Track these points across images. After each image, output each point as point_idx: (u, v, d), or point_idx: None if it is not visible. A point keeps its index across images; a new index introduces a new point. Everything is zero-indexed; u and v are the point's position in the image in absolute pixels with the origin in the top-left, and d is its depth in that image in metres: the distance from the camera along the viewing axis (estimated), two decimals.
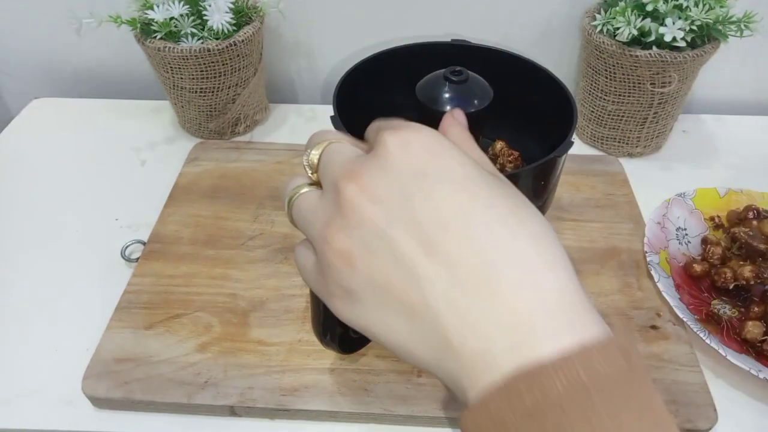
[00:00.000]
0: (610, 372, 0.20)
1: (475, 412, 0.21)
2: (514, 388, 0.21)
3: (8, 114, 0.81)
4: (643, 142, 0.66)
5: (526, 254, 0.22)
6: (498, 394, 0.21)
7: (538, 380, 0.20)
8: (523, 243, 0.22)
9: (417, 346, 0.24)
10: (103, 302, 0.50)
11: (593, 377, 0.20)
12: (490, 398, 0.21)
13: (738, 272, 0.50)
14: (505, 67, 0.42)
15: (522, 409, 0.20)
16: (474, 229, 0.22)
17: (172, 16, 0.59)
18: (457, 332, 0.22)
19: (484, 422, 0.21)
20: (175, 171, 0.63)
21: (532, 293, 0.22)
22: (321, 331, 0.39)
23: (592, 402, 0.20)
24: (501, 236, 0.22)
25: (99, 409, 0.44)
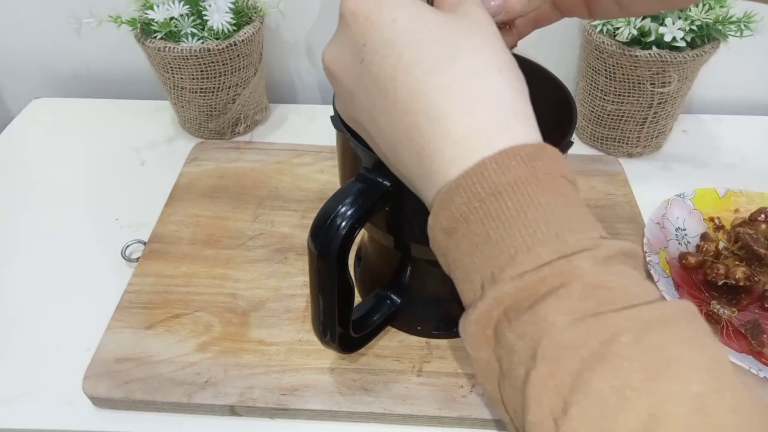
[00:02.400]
0: (506, 178, 0.23)
1: (430, 240, 0.27)
2: (435, 214, 0.25)
3: (8, 114, 0.81)
4: (643, 142, 0.66)
5: (445, 103, 0.25)
6: (430, 218, 0.26)
7: (446, 201, 0.24)
8: (443, 92, 0.25)
9: (401, 178, 0.29)
10: (103, 302, 0.50)
11: (488, 186, 0.23)
12: (429, 227, 0.26)
13: (731, 271, 0.50)
14: None
15: (442, 230, 0.25)
16: (399, 93, 0.25)
17: (172, 16, 0.59)
18: (407, 172, 0.27)
19: (433, 245, 0.27)
20: (175, 171, 0.63)
21: (443, 135, 0.25)
22: (321, 331, 0.39)
23: (485, 208, 0.23)
24: (422, 92, 0.25)
25: (99, 408, 0.44)
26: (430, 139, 0.25)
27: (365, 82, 0.27)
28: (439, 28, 0.26)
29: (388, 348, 0.46)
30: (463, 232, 0.24)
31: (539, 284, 0.22)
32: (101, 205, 0.61)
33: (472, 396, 0.43)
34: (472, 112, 0.24)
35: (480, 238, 0.24)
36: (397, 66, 0.25)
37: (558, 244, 0.22)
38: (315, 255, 0.34)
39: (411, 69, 0.25)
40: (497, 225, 0.23)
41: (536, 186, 0.23)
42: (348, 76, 0.28)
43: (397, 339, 0.47)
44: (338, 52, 0.28)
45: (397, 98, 0.26)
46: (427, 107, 0.25)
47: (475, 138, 0.24)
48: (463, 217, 0.24)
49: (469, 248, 0.24)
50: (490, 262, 0.23)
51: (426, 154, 0.25)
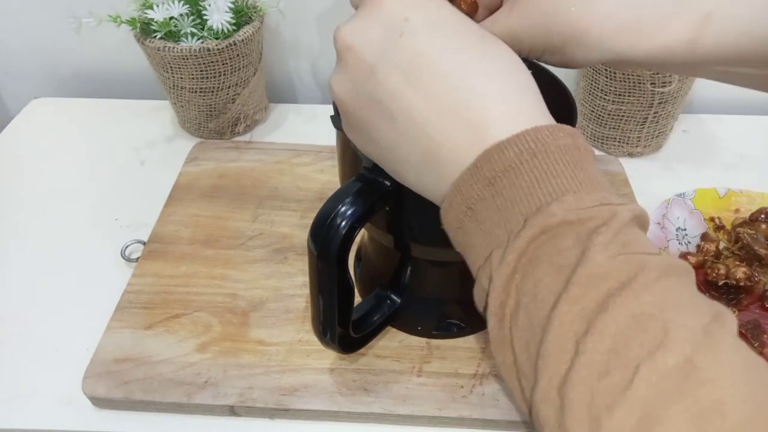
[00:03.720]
0: (557, 143, 0.26)
1: (449, 196, 0.27)
2: (476, 167, 0.26)
3: (8, 114, 0.80)
4: (644, 141, 0.66)
5: (492, 84, 0.27)
6: (464, 175, 0.26)
7: (495, 154, 0.26)
8: (489, 77, 0.27)
9: (402, 159, 0.29)
10: (103, 302, 0.50)
11: (541, 145, 0.25)
12: (460, 181, 0.27)
13: (731, 271, 0.50)
14: None
15: (482, 180, 0.26)
16: (447, 68, 0.27)
17: (171, 16, 0.59)
18: (436, 150, 0.27)
19: (455, 199, 0.27)
20: (175, 171, 0.62)
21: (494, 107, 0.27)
22: (321, 331, 0.39)
23: (537, 161, 0.25)
24: (472, 72, 0.27)
25: (99, 409, 0.44)
26: (480, 109, 0.27)
27: (401, 56, 0.28)
28: (476, 27, 0.29)
29: (388, 348, 0.46)
30: (509, 179, 0.26)
31: (583, 222, 0.24)
32: (101, 205, 0.61)
33: (473, 396, 0.43)
34: (516, 96, 0.27)
35: (528, 184, 0.25)
36: (447, 44, 0.27)
37: (601, 197, 0.25)
38: (315, 255, 0.34)
39: (461, 49, 0.28)
40: (547, 175, 0.25)
41: (580, 155, 0.26)
42: (374, 50, 0.28)
43: (397, 339, 0.47)
44: (364, 25, 0.29)
45: (445, 72, 0.27)
46: (478, 86, 0.27)
47: (522, 114, 0.27)
48: (512, 167, 0.25)
49: (512, 193, 0.26)
50: (536, 200, 0.25)
51: (473, 123, 0.27)
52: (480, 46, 0.28)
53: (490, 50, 0.28)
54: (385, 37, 0.28)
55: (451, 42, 0.28)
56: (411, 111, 0.28)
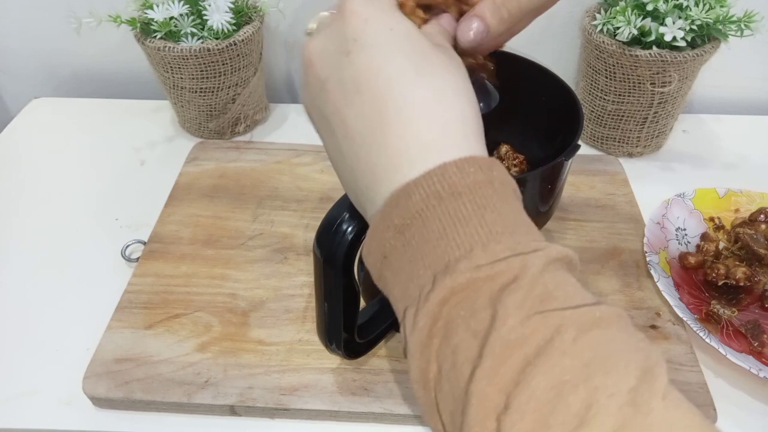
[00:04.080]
0: (465, 182, 0.25)
1: (366, 242, 0.27)
2: (386, 212, 0.26)
3: (8, 114, 0.81)
4: (643, 141, 0.66)
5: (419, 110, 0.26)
6: (377, 219, 0.26)
7: (402, 198, 0.25)
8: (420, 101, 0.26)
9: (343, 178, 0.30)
10: (103, 302, 0.50)
11: (447, 187, 0.24)
12: (374, 226, 0.26)
13: (731, 271, 0.50)
14: (510, 70, 0.42)
15: (393, 227, 0.25)
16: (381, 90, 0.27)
17: (171, 16, 0.59)
18: (362, 174, 0.27)
19: (372, 245, 0.27)
20: (175, 171, 0.62)
21: (412, 136, 0.26)
22: (327, 337, 0.39)
23: (444, 206, 0.24)
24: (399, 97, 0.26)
25: (99, 408, 0.44)
26: (397, 137, 0.26)
27: (344, 74, 0.28)
28: (427, 48, 0.28)
29: (388, 348, 0.46)
30: (417, 228, 0.25)
31: (493, 278, 0.23)
32: (101, 205, 0.61)
33: None
34: (441, 123, 0.26)
35: (435, 234, 0.24)
36: (382, 67, 0.27)
37: (512, 243, 0.24)
38: (321, 261, 0.34)
39: (397, 73, 0.27)
40: (454, 222, 0.24)
41: (493, 192, 0.25)
42: (326, 66, 0.29)
43: (397, 339, 0.47)
44: (323, 42, 0.29)
45: (374, 95, 0.27)
46: (402, 109, 0.26)
47: (440, 144, 0.26)
48: (419, 213, 0.25)
49: (420, 245, 0.25)
50: (445, 255, 0.24)
51: (389, 152, 0.26)
52: (420, 67, 0.27)
53: (431, 70, 0.27)
54: (336, 54, 0.28)
55: (390, 63, 0.27)
56: (347, 129, 0.28)
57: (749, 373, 0.44)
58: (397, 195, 0.25)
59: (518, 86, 0.46)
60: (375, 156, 0.27)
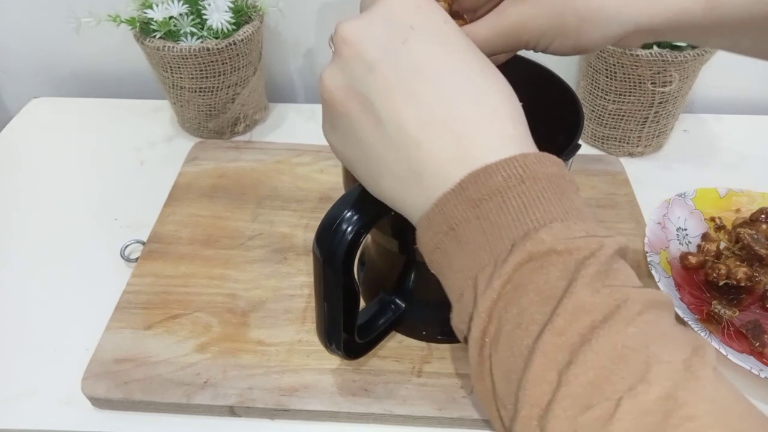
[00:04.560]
0: (544, 170, 0.26)
1: (429, 214, 0.27)
2: (461, 188, 0.26)
3: (7, 114, 0.80)
4: (644, 141, 0.66)
5: (487, 105, 0.27)
6: (448, 194, 0.26)
7: (482, 177, 0.26)
8: (486, 97, 0.27)
9: (383, 167, 0.29)
10: (103, 302, 0.50)
11: (529, 172, 0.25)
12: (442, 200, 0.26)
13: (732, 271, 0.50)
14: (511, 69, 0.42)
15: (467, 201, 0.26)
16: (446, 81, 0.27)
17: (171, 15, 0.59)
18: (421, 160, 0.27)
19: (436, 219, 0.27)
20: (175, 170, 0.62)
21: (491, 129, 0.27)
22: (326, 338, 0.39)
23: (525, 187, 0.25)
24: (469, 90, 0.27)
25: (98, 409, 0.44)
26: (476, 129, 0.27)
27: (401, 61, 0.27)
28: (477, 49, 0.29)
29: (388, 349, 0.46)
30: (496, 203, 0.25)
31: (571, 251, 0.24)
32: (100, 205, 0.61)
33: (473, 396, 0.43)
34: (513, 120, 0.27)
35: (515, 209, 0.25)
36: (446, 61, 0.27)
37: (587, 226, 0.25)
38: (321, 260, 0.34)
39: (467, 68, 0.28)
40: (534, 202, 0.25)
41: (566, 185, 0.27)
42: (375, 49, 0.28)
43: (397, 340, 0.47)
44: (368, 24, 0.28)
45: (442, 85, 0.27)
46: (477, 100, 0.27)
47: (517, 138, 0.27)
48: (499, 190, 0.25)
49: (498, 217, 0.25)
50: (524, 225, 0.25)
51: (466, 141, 0.27)
52: (479, 66, 0.28)
53: (489, 71, 0.28)
54: (388, 39, 0.27)
55: (453, 57, 0.28)
56: (401, 117, 0.27)
57: (750, 374, 0.44)
58: (476, 174, 0.26)
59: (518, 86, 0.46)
60: (448, 144, 0.27)
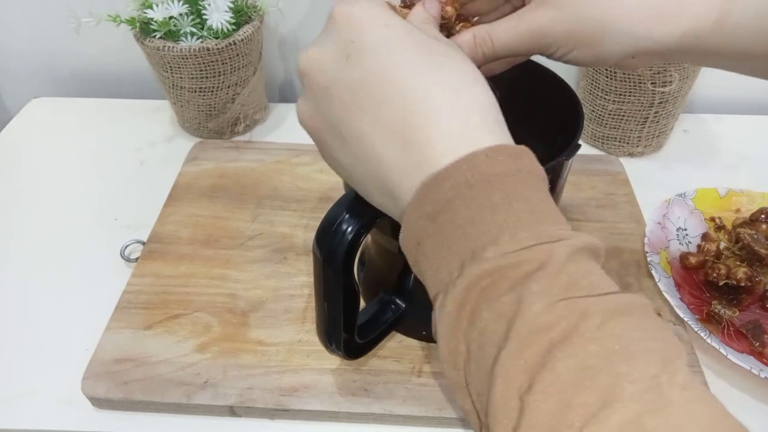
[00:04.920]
0: (494, 170, 0.25)
1: (402, 229, 0.27)
2: (418, 201, 0.26)
3: (7, 114, 0.80)
4: (644, 141, 0.66)
5: (435, 103, 0.26)
6: (409, 208, 0.26)
7: (434, 187, 0.25)
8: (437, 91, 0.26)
9: (363, 182, 0.29)
10: (103, 302, 0.50)
11: (477, 174, 0.25)
12: (407, 215, 0.26)
13: (732, 271, 0.50)
14: (511, 69, 0.42)
15: (425, 215, 0.25)
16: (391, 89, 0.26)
17: (171, 15, 0.59)
18: (385, 174, 0.27)
19: (406, 233, 0.27)
20: (175, 170, 0.62)
21: (437, 129, 0.26)
22: (326, 339, 0.39)
23: (473, 193, 0.25)
24: (416, 93, 0.26)
25: (98, 409, 0.44)
26: (423, 132, 0.26)
27: (348, 78, 0.27)
28: (426, 41, 0.28)
29: (388, 349, 0.46)
30: (447, 215, 0.25)
31: (519, 266, 0.23)
32: (100, 205, 0.61)
33: None
34: (463, 112, 0.26)
35: (464, 221, 0.25)
36: (390, 63, 0.27)
37: (538, 232, 0.24)
38: (321, 261, 0.34)
39: (405, 67, 0.27)
40: (483, 210, 0.24)
41: (521, 181, 0.25)
42: (327, 73, 0.28)
43: (397, 339, 0.47)
44: (319, 50, 0.29)
45: (388, 94, 0.26)
46: (421, 102, 0.26)
47: (466, 134, 0.26)
48: (449, 201, 0.25)
49: (451, 231, 0.25)
50: (473, 242, 0.24)
51: (414, 146, 0.26)
52: (430, 60, 0.27)
53: (442, 63, 0.27)
54: (335, 59, 0.28)
55: (397, 60, 0.27)
56: (361, 134, 0.27)
57: (750, 374, 0.44)
58: (428, 184, 0.25)
59: (519, 85, 0.46)
60: (401, 153, 0.26)
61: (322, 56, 0.29)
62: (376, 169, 0.28)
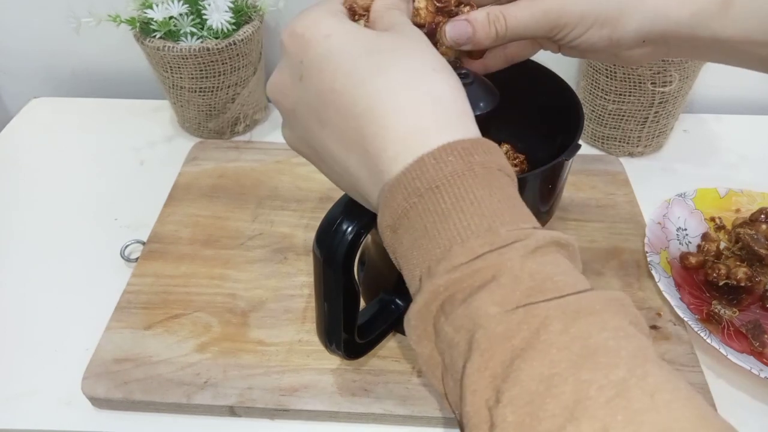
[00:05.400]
0: (443, 173, 0.24)
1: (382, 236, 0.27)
2: (381, 213, 0.26)
3: (7, 114, 0.80)
4: (644, 141, 0.66)
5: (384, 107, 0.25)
6: (378, 218, 0.26)
7: (389, 200, 0.25)
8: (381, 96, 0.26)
9: (349, 191, 0.30)
10: (102, 302, 0.50)
11: (426, 182, 0.24)
12: (378, 226, 0.26)
13: (732, 271, 0.50)
14: (511, 69, 0.42)
15: (388, 227, 0.26)
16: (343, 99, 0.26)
17: (171, 15, 0.59)
18: (357, 186, 0.28)
19: (384, 240, 0.27)
20: (175, 170, 0.62)
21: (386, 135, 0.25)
22: (326, 339, 0.39)
23: (424, 202, 0.24)
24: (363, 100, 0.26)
25: (98, 409, 0.44)
26: (373, 139, 0.26)
27: (306, 98, 0.28)
28: (372, 41, 0.27)
29: (388, 349, 0.46)
30: (405, 227, 0.25)
31: (472, 276, 0.23)
32: (100, 205, 0.61)
33: None
34: (412, 111, 0.25)
35: (419, 233, 0.24)
36: (335, 76, 0.27)
37: (490, 236, 0.23)
38: (321, 261, 0.34)
39: (349, 76, 0.26)
40: (434, 219, 0.24)
41: (473, 180, 0.24)
42: (289, 97, 0.29)
43: (397, 340, 0.47)
44: (279, 77, 0.30)
45: (339, 106, 0.26)
46: (368, 110, 0.26)
47: (414, 136, 0.25)
48: (404, 213, 0.25)
49: (410, 244, 0.25)
50: (428, 256, 0.24)
51: (371, 155, 0.26)
52: (376, 61, 0.26)
53: (389, 61, 0.26)
54: (292, 83, 0.29)
55: (342, 70, 0.26)
56: (328, 149, 0.28)
57: (750, 374, 0.43)
58: (386, 196, 0.25)
59: (519, 85, 0.46)
60: (364, 164, 0.26)
61: (282, 81, 0.29)
62: (350, 181, 0.28)
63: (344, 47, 0.27)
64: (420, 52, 0.27)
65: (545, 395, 0.20)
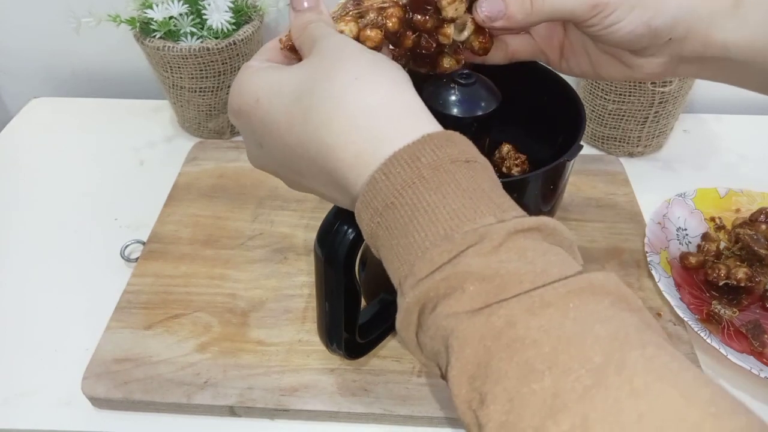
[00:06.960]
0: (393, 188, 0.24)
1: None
2: (363, 233, 0.26)
3: (7, 114, 0.80)
4: (644, 141, 0.66)
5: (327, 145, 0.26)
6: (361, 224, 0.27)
7: (361, 222, 0.26)
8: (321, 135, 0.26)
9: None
10: (103, 302, 0.50)
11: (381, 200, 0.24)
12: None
13: (732, 271, 0.50)
14: (513, 70, 0.42)
15: (371, 238, 0.26)
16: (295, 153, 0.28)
17: (171, 15, 0.59)
18: (347, 205, 0.28)
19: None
20: (175, 170, 0.62)
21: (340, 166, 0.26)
22: (327, 339, 0.39)
23: (386, 222, 0.24)
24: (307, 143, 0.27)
25: (98, 409, 0.44)
26: (335, 174, 0.27)
27: (277, 159, 0.30)
28: (294, 83, 0.28)
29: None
30: (378, 246, 0.26)
31: (437, 287, 0.23)
32: (100, 205, 0.61)
33: None
34: (348, 136, 0.26)
35: (388, 250, 0.25)
36: (280, 134, 0.28)
37: (447, 244, 0.23)
38: (322, 261, 0.34)
39: (290, 129, 0.28)
40: (397, 235, 0.24)
41: (423, 186, 0.24)
42: (268, 164, 0.32)
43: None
44: (249, 150, 0.33)
45: (299, 156, 0.28)
46: (318, 151, 0.27)
47: (359, 158, 0.26)
48: (373, 233, 0.26)
49: (386, 260, 0.26)
50: (398, 273, 0.25)
51: (342, 186, 0.27)
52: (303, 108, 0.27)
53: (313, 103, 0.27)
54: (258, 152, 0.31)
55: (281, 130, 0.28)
56: (318, 191, 0.30)
57: (750, 374, 0.43)
58: (358, 217, 0.26)
59: (520, 86, 0.46)
60: (345, 195, 0.28)
61: (253, 153, 0.32)
62: (331, 199, 0.30)
63: (273, 104, 0.28)
64: (339, 68, 0.27)
65: (524, 393, 0.20)
